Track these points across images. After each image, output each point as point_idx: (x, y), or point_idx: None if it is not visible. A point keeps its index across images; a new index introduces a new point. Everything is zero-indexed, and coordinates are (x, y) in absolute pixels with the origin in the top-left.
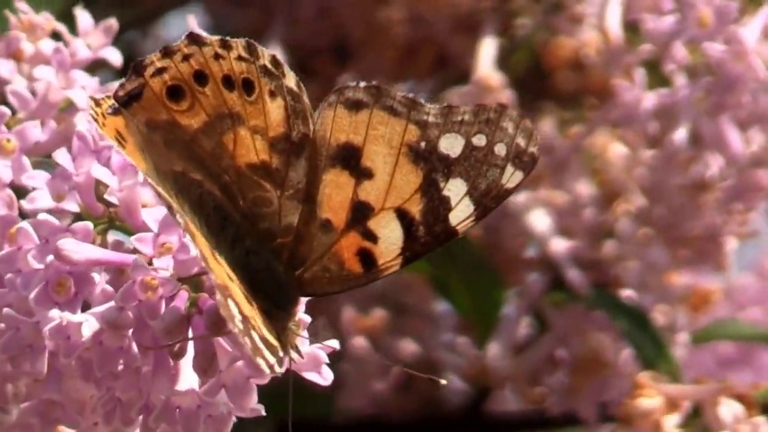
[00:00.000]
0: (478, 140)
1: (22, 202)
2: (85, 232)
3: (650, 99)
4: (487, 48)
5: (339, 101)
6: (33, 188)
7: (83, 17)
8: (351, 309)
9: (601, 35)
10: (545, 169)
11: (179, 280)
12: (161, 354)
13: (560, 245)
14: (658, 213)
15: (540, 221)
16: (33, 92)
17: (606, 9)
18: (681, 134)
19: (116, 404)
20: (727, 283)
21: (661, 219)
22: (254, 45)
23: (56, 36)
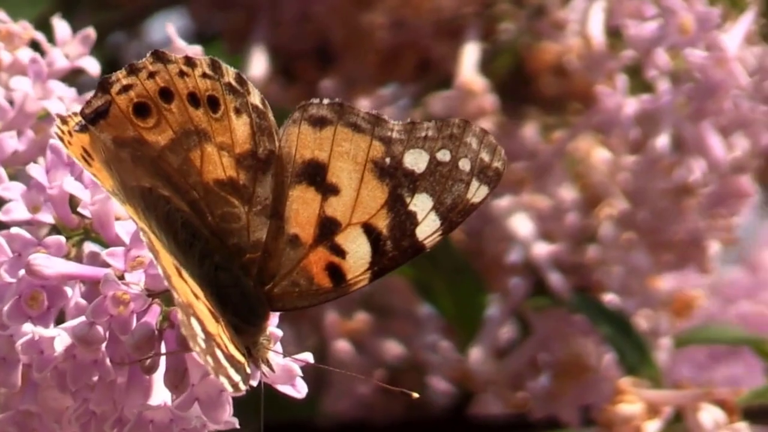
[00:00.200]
0: (443, 155)
1: None
2: (58, 246)
3: (632, 105)
4: (470, 53)
5: (303, 118)
6: (9, 200)
7: (61, 27)
8: (334, 313)
9: (584, 41)
10: (528, 174)
11: (150, 295)
12: (135, 368)
13: (542, 249)
14: (641, 217)
15: (522, 225)
16: (11, 101)
17: (588, 15)
18: (663, 140)
19: (91, 417)
20: (716, 278)
21: (644, 223)
22: (218, 62)
23: (35, 44)
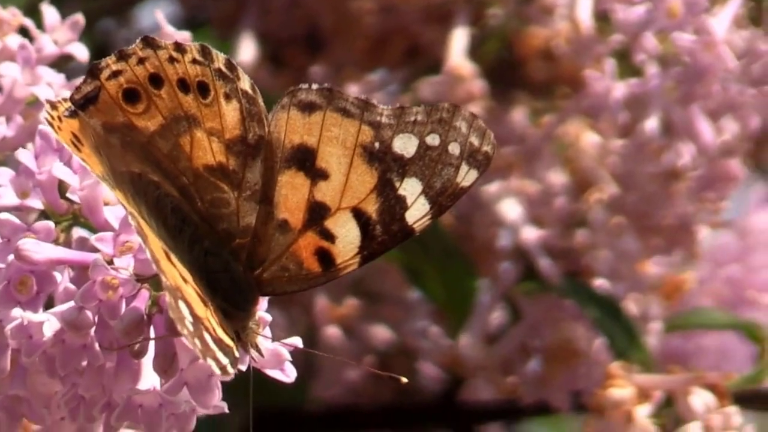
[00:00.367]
0: (432, 140)
1: None
2: (47, 231)
3: (620, 89)
4: (459, 38)
5: (292, 103)
6: None
7: (50, 13)
8: (324, 298)
9: (572, 25)
10: (517, 158)
11: (140, 280)
12: (124, 353)
13: (532, 234)
14: (630, 202)
15: (511, 210)
16: (0, 88)
17: None
18: (652, 123)
19: (80, 402)
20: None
21: (633, 208)
22: (208, 48)
23: (24, 31)
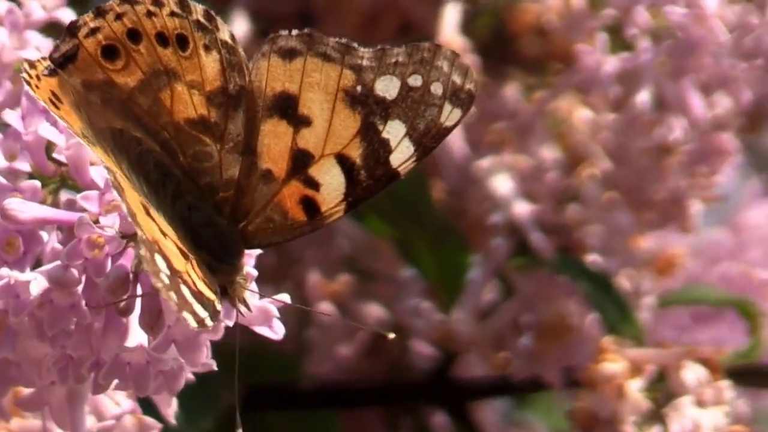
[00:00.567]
0: (414, 81)
1: None
2: (34, 191)
3: (612, 63)
4: (451, 13)
5: (272, 50)
6: None
7: None
8: (317, 274)
9: (564, 0)
10: (509, 134)
11: (125, 237)
12: (111, 311)
13: (524, 209)
14: (623, 176)
15: (504, 185)
16: None
17: None
18: (643, 97)
19: (68, 362)
20: (699, 239)
21: (626, 182)
22: (186, 1)
23: None
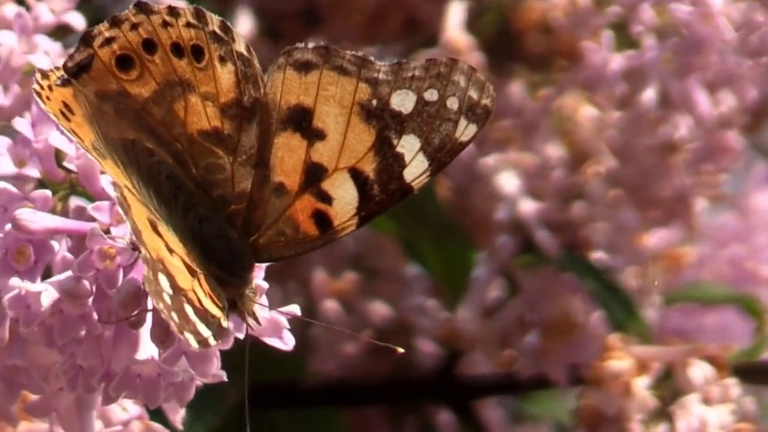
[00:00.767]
0: (430, 95)
1: None
2: (44, 200)
3: (618, 61)
4: (456, 11)
5: (288, 63)
6: None
7: None
8: (322, 272)
9: None
10: (515, 131)
11: (137, 249)
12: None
13: (529, 207)
14: (628, 174)
15: (509, 183)
16: None
17: None
18: (649, 95)
19: (78, 371)
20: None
21: (631, 180)
22: (203, 11)
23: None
